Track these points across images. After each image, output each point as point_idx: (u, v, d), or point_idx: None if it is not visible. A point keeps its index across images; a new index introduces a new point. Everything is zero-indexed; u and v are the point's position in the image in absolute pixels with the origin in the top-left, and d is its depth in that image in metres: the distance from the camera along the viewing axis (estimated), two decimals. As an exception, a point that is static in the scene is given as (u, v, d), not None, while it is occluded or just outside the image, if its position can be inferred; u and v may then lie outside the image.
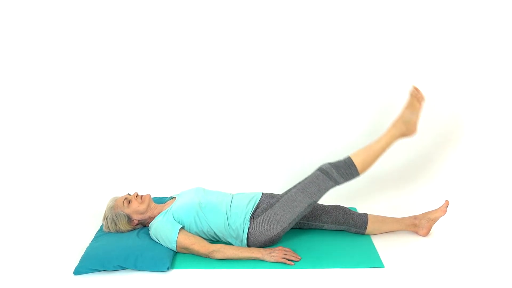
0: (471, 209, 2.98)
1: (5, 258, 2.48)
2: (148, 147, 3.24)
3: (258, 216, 2.47)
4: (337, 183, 2.45)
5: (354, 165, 2.43)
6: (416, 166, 3.21)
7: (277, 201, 2.48)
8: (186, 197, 2.61)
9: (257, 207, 2.54)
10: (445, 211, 2.63)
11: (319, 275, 2.30)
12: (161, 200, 2.91)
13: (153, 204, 2.63)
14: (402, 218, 2.70)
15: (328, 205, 2.70)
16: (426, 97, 2.53)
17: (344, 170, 2.43)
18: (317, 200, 2.47)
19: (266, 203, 2.52)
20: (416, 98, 2.50)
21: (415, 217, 2.68)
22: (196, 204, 2.53)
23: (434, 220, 2.64)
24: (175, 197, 2.73)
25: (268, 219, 2.45)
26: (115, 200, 2.62)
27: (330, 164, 2.46)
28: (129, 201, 2.58)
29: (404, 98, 3.14)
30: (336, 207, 2.68)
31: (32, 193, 3.13)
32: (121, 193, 2.98)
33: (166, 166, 3.25)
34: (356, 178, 2.47)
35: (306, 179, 2.48)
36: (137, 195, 2.61)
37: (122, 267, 2.34)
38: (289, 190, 2.50)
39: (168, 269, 2.34)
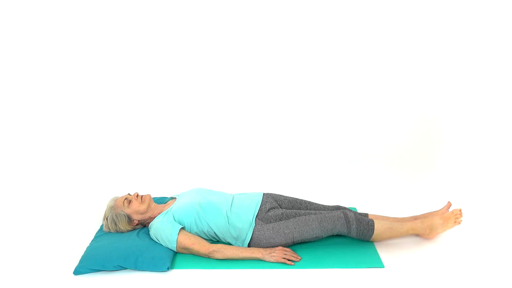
0: (471, 209, 2.98)
1: (5, 258, 2.48)
2: (148, 147, 3.24)
3: (269, 221, 2.48)
4: (349, 234, 2.50)
5: (373, 231, 2.49)
6: (416, 167, 3.21)
7: (295, 217, 2.50)
8: (187, 197, 2.61)
9: (260, 208, 2.54)
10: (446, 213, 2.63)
11: (319, 275, 2.30)
12: (161, 200, 2.91)
13: (153, 204, 2.63)
14: (402, 218, 2.69)
15: (329, 206, 2.70)
16: (462, 222, 2.61)
17: (363, 229, 2.49)
18: (322, 236, 2.51)
19: (281, 211, 2.53)
20: (455, 219, 2.53)
21: (415, 218, 2.68)
22: (197, 204, 2.53)
23: (434, 220, 2.64)
24: (175, 198, 2.73)
25: (278, 229, 2.47)
26: (115, 200, 2.62)
27: (355, 216, 2.50)
28: (130, 201, 2.58)
29: (403, 102, 3.15)
30: (337, 208, 2.68)
31: (32, 193, 3.14)
32: (121, 193, 2.98)
33: (166, 166, 3.25)
34: (362, 238, 2.52)
35: (328, 213, 2.51)
36: (137, 195, 2.61)
37: (122, 267, 2.34)
38: (309, 212, 2.52)
39: (168, 269, 2.34)
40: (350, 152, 3.23)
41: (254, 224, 2.48)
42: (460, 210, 2.53)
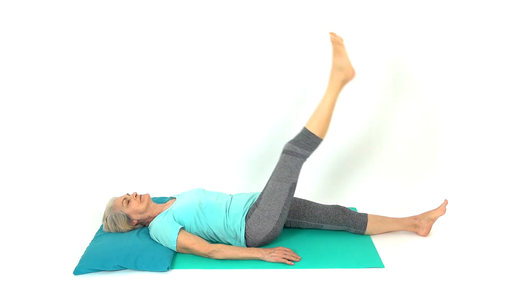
0: (470, 209, 2.98)
1: (5, 258, 2.48)
2: (148, 147, 3.24)
3: (249, 217, 2.48)
4: (304, 157, 2.46)
5: (312, 133, 2.45)
6: (416, 166, 3.21)
7: (260, 198, 2.49)
8: (187, 197, 2.61)
9: (250, 207, 2.54)
10: (445, 211, 2.64)
11: (319, 275, 2.30)
12: (161, 200, 2.91)
13: (152, 204, 2.63)
14: (402, 218, 2.70)
15: (328, 205, 2.70)
16: (344, 37, 2.52)
17: (305, 142, 2.45)
18: (296, 181, 2.47)
19: (254, 203, 2.52)
20: (337, 42, 2.49)
21: (415, 218, 2.68)
22: (196, 204, 2.53)
23: (434, 220, 2.65)
24: (175, 198, 2.73)
25: (258, 218, 2.46)
26: (114, 200, 2.62)
27: (291, 142, 2.47)
28: (128, 201, 2.58)
29: (403, 102, 3.15)
30: (336, 207, 2.68)
31: (32, 193, 3.13)
32: (121, 193, 2.98)
33: (166, 166, 3.25)
34: (320, 144, 2.47)
35: (276, 166, 2.49)
36: (136, 195, 2.61)
37: (122, 267, 2.34)
38: (267, 184, 2.51)
39: (168, 269, 2.34)
40: (350, 152, 3.22)
41: (244, 224, 2.47)
42: (331, 32, 2.47)
